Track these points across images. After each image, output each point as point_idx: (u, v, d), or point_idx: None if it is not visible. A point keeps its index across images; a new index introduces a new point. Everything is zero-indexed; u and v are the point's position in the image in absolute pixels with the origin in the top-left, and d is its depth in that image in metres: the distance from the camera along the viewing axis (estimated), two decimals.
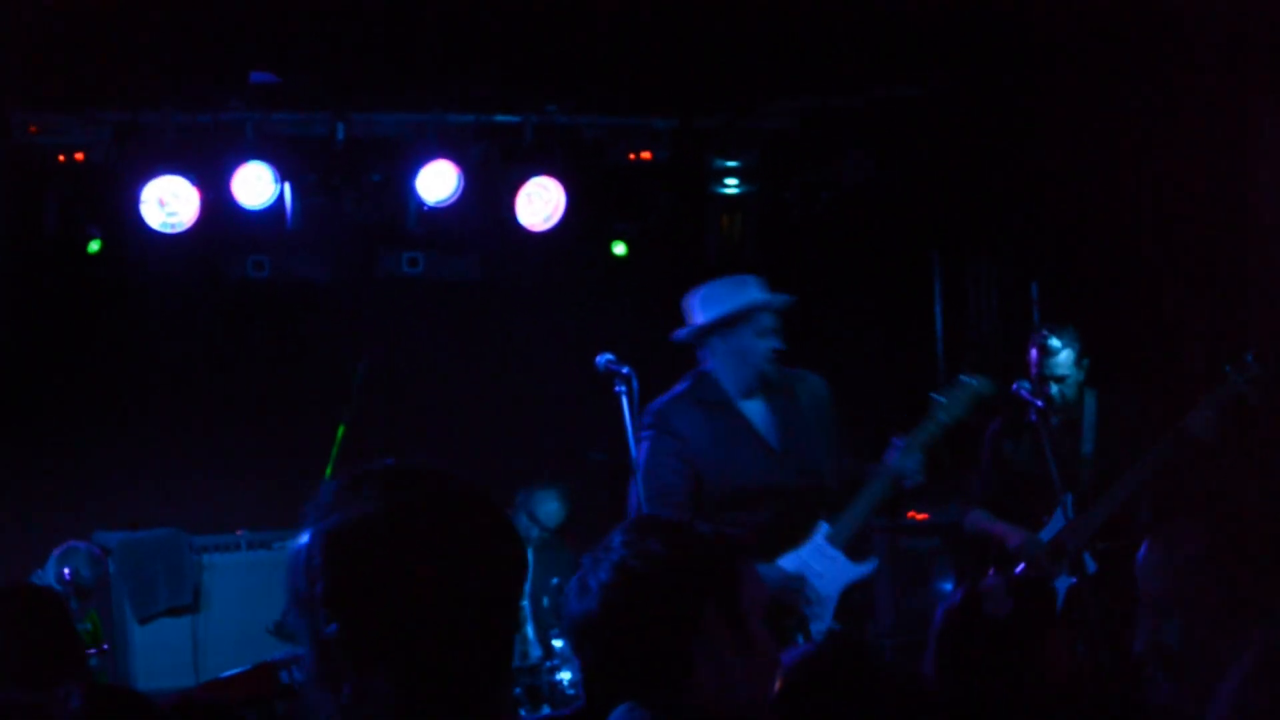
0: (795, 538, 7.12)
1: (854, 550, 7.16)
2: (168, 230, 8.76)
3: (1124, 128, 9.15)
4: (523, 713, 7.47)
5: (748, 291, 7.17)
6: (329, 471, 8.46)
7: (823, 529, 7.13)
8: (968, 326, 10.62)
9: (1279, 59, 8.38)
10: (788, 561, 7.09)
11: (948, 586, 9.39)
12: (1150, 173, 9.29)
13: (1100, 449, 8.03)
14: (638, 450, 7.01)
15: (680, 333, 7.28)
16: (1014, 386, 7.58)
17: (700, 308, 7.23)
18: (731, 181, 9.77)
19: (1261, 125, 8.79)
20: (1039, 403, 7.46)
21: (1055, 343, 8.01)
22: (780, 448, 7.24)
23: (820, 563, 7.12)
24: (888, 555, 9.33)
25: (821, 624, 7.04)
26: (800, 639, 6.80)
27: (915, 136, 9.78)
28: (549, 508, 9.04)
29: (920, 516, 9.87)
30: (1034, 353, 8.09)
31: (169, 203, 8.74)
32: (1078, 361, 8.05)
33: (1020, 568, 7.74)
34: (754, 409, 7.29)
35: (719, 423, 7.23)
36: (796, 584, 7.08)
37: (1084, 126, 9.32)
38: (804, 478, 7.19)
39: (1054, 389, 8.03)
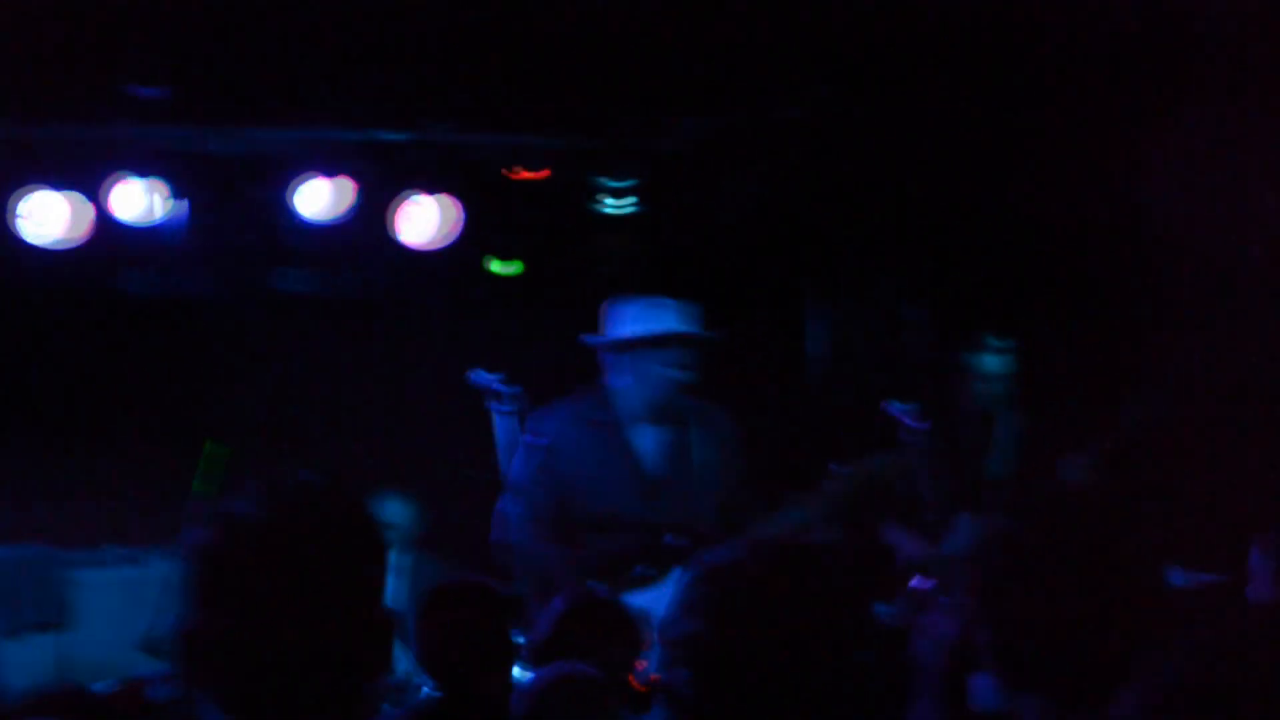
0: (650, 575, 7.06)
1: None
2: (46, 245, 8.67)
3: (1005, 146, 9.23)
4: None
5: (668, 317, 7.11)
6: (199, 486, 8.41)
7: (676, 573, 7.04)
8: (848, 347, 10.68)
9: (1167, 81, 8.48)
10: (637, 599, 7.01)
11: None
12: (1033, 196, 9.37)
13: (1011, 471, 8.09)
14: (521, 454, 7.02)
15: (592, 339, 7.22)
16: (889, 406, 7.62)
17: (619, 321, 7.16)
18: (618, 202, 9.79)
19: (1150, 141, 8.90)
20: (914, 423, 7.51)
21: (1002, 342, 8.10)
22: (658, 480, 7.20)
23: (664, 608, 6.98)
24: None
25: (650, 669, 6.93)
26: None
27: (800, 158, 9.83)
28: (391, 507, 9.06)
29: None
30: (965, 357, 8.16)
31: (47, 218, 8.66)
32: (1007, 373, 8.12)
33: (916, 580, 7.75)
34: (644, 436, 7.23)
35: (599, 444, 7.17)
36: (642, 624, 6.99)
37: (962, 146, 9.40)
38: (676, 516, 7.14)
39: (987, 389, 8.10)
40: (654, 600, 6.92)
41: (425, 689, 7.41)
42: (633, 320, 7.14)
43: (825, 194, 9.98)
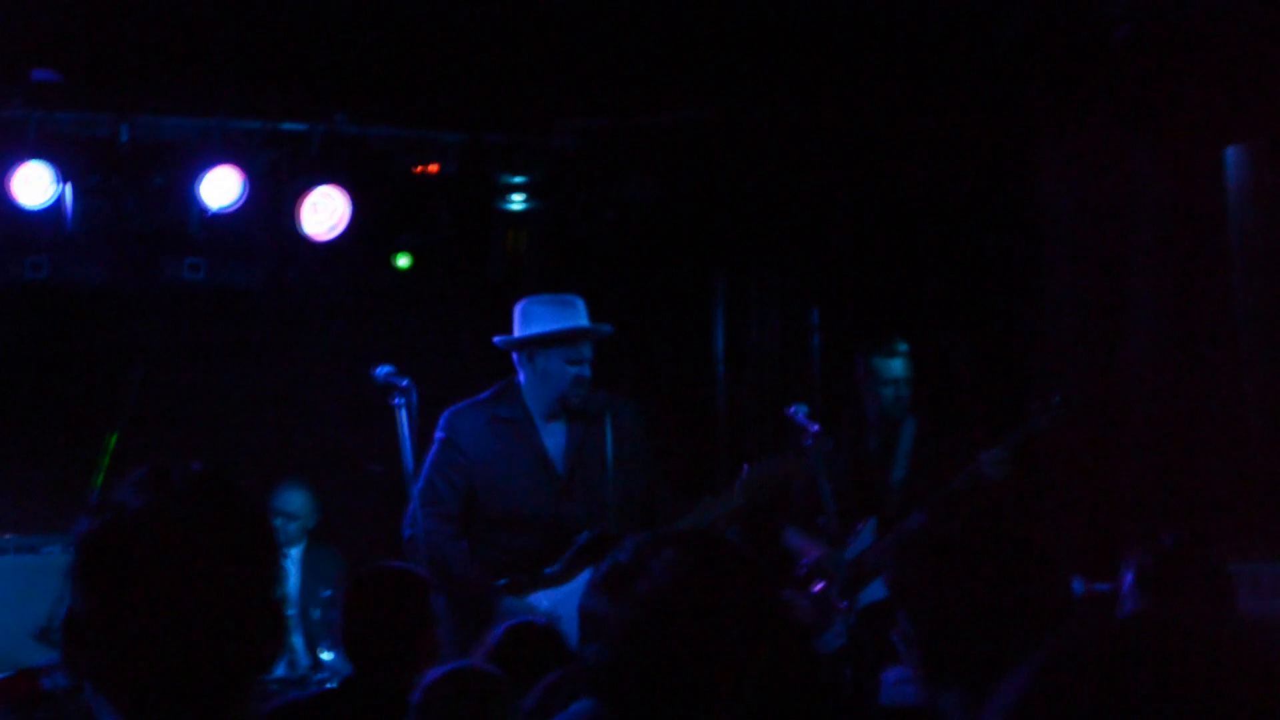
0: (559, 575, 7.08)
1: None
2: None
3: (907, 154, 9.30)
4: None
5: (570, 315, 7.19)
6: (100, 478, 8.34)
7: (587, 574, 7.03)
8: (748, 350, 10.73)
9: (1061, 85, 8.56)
10: (542, 599, 7.02)
11: None
12: (935, 201, 9.44)
13: (911, 476, 8.12)
14: (430, 451, 7.03)
15: (499, 339, 7.28)
16: (790, 410, 7.63)
17: (523, 321, 7.22)
18: (518, 197, 9.79)
19: (1046, 149, 8.99)
20: (815, 427, 7.52)
21: (903, 346, 8.13)
22: (568, 478, 7.22)
23: (574, 608, 6.92)
24: None
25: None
26: None
27: (701, 158, 9.87)
28: (293, 498, 9.03)
29: None
30: (866, 361, 8.17)
31: None
32: (908, 378, 8.15)
33: (819, 585, 7.79)
34: (552, 432, 7.27)
35: (508, 441, 7.21)
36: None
37: (869, 153, 9.46)
38: (586, 513, 7.18)
39: (888, 393, 8.13)
40: (562, 600, 6.93)
41: (330, 684, 7.40)
42: (540, 319, 7.20)
43: (730, 195, 10.03)
